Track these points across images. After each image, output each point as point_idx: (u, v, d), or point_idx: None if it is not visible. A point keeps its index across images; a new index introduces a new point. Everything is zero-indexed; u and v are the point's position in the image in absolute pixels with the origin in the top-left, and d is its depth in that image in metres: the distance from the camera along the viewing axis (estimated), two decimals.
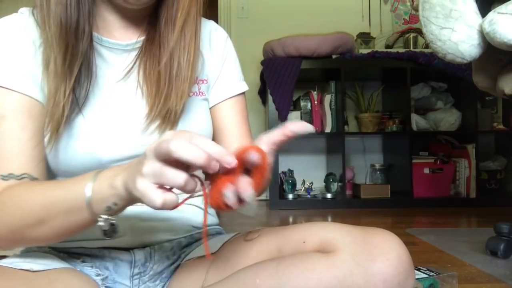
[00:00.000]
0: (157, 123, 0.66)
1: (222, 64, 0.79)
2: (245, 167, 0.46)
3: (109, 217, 0.52)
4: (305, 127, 0.48)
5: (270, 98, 2.60)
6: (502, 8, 1.09)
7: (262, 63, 2.70)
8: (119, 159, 0.66)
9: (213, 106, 0.78)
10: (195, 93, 0.74)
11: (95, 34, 0.67)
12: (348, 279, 0.52)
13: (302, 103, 2.76)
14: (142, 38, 0.70)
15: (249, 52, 3.06)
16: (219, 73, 0.78)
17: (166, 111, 0.66)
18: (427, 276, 0.98)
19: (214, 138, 0.79)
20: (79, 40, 0.62)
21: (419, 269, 1.01)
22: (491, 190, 2.86)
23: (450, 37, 1.20)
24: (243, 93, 0.82)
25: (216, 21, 3.31)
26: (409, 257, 0.54)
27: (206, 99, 0.77)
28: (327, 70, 2.75)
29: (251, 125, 0.86)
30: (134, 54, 0.69)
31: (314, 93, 2.74)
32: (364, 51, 2.77)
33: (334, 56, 2.67)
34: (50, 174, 0.68)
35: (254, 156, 0.44)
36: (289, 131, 0.48)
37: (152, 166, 0.43)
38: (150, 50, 0.68)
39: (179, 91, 0.66)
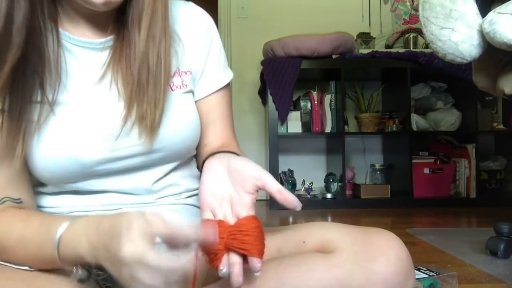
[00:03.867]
0: (134, 126, 0.63)
1: (207, 55, 0.74)
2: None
3: (81, 269, 0.53)
4: (294, 205, 0.53)
5: (270, 98, 2.60)
6: (502, 8, 1.09)
7: (262, 63, 2.70)
8: (100, 161, 0.63)
9: (199, 100, 0.74)
10: (179, 86, 0.70)
11: (64, 32, 0.64)
12: (348, 279, 0.52)
13: (302, 103, 2.76)
14: (112, 36, 0.66)
15: (249, 52, 3.05)
16: (205, 65, 0.74)
17: (141, 117, 0.62)
18: (427, 276, 0.97)
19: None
20: None
21: (419, 269, 1.00)
22: (491, 190, 2.86)
23: (450, 37, 1.20)
24: (229, 83, 0.78)
25: (216, 21, 3.31)
26: (409, 257, 0.55)
27: (191, 91, 0.73)
28: (327, 70, 2.75)
29: (251, 125, 0.86)
30: (106, 53, 0.65)
31: (314, 93, 2.74)
32: (364, 51, 2.77)
33: (334, 56, 2.67)
34: (37, 182, 0.66)
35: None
36: (282, 199, 0.53)
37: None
38: (121, 49, 0.64)
39: (151, 100, 0.61)
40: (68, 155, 0.61)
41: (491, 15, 1.10)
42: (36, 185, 0.67)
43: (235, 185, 0.55)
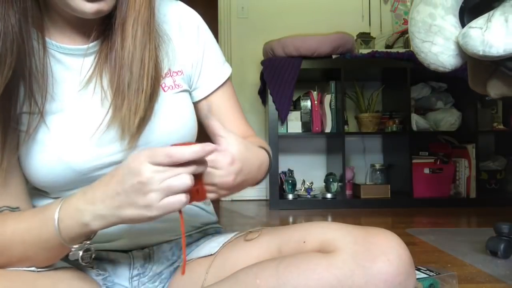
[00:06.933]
0: (116, 131, 0.62)
1: (202, 55, 0.75)
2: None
3: (84, 245, 0.56)
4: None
5: (270, 98, 2.60)
6: (473, 22, 1.17)
7: (262, 63, 2.70)
8: (95, 166, 0.63)
9: (202, 99, 0.76)
10: (171, 87, 0.70)
11: (50, 41, 0.63)
12: (349, 280, 0.52)
13: (302, 103, 2.76)
14: (97, 41, 0.65)
15: (249, 52, 3.05)
16: (202, 65, 0.75)
17: (120, 122, 0.61)
18: (427, 276, 0.97)
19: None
20: None
21: (419, 269, 1.00)
22: (491, 190, 2.86)
23: (431, 49, 1.31)
24: (229, 77, 0.80)
25: (216, 21, 3.30)
26: (410, 257, 0.55)
27: (185, 91, 0.73)
28: (327, 70, 2.75)
29: (251, 125, 0.86)
30: (92, 58, 0.65)
31: (314, 93, 2.74)
32: (364, 51, 2.77)
33: (334, 56, 2.67)
34: (34, 189, 0.66)
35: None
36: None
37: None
38: (106, 54, 0.63)
39: (132, 105, 0.60)
40: (62, 164, 0.61)
41: (465, 29, 1.20)
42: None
43: None
